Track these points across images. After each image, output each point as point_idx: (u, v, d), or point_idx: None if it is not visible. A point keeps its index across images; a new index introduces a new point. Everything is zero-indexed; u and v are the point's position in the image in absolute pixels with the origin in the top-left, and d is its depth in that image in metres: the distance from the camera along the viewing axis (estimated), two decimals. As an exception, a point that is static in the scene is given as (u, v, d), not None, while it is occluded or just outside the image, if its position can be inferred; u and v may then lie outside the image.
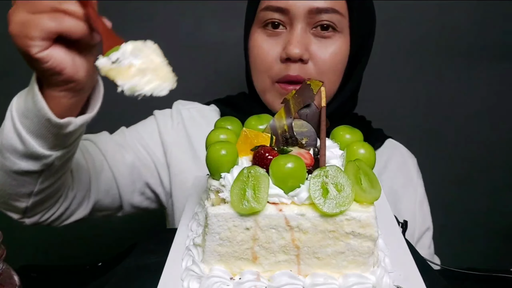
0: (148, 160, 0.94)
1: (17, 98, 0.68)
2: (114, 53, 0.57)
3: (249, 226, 0.51)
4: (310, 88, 0.64)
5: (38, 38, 0.57)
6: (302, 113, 0.64)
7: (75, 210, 0.85)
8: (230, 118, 0.68)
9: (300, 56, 0.84)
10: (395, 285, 0.52)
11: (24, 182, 0.71)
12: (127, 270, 0.63)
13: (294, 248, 0.52)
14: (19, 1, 0.58)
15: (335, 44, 0.86)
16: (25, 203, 0.75)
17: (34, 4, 0.57)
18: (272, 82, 0.88)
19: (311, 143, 0.62)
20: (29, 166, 0.69)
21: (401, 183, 0.95)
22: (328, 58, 0.86)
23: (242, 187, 0.51)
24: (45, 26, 0.57)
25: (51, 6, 0.57)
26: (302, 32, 0.84)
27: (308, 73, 0.85)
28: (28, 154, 0.68)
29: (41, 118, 0.64)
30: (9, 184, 0.72)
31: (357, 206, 0.52)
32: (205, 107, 1.02)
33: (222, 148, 0.56)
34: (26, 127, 0.66)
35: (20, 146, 0.67)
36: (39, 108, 0.63)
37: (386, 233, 0.62)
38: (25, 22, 0.57)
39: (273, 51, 0.87)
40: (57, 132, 0.66)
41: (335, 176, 0.51)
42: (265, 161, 0.55)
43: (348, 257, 0.52)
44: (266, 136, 0.61)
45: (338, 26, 0.85)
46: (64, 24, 0.58)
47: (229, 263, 0.53)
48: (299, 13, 0.83)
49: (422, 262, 0.63)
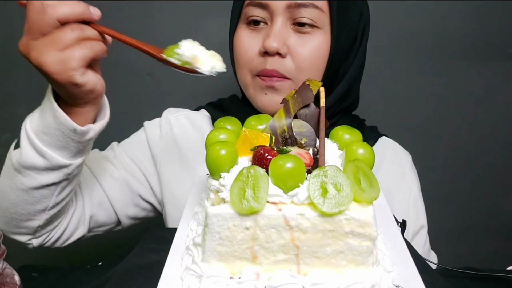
0: (138, 173, 0.95)
1: (29, 120, 0.72)
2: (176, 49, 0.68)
3: (249, 225, 0.52)
4: (310, 88, 0.64)
5: (79, 67, 0.64)
6: (301, 113, 0.64)
7: (75, 228, 0.88)
8: (230, 118, 0.69)
9: (277, 50, 0.83)
10: (394, 284, 0.53)
11: (41, 197, 0.75)
12: (128, 270, 0.63)
13: (293, 248, 0.52)
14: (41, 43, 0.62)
15: (315, 40, 0.85)
16: (38, 221, 0.79)
17: (61, 42, 0.63)
18: (252, 76, 0.89)
19: (310, 143, 0.63)
20: (50, 179, 0.73)
21: (394, 181, 0.95)
22: (306, 54, 0.85)
23: (241, 187, 0.51)
24: (82, 56, 0.64)
25: (77, 37, 0.64)
26: (281, 27, 0.84)
27: (286, 68, 0.85)
28: (51, 167, 0.72)
29: (65, 131, 0.70)
30: (25, 202, 0.76)
31: (356, 205, 0.52)
32: (194, 114, 1.02)
33: (222, 148, 0.56)
34: (46, 142, 0.71)
35: (42, 162, 0.71)
36: (62, 121, 0.69)
37: (385, 233, 0.62)
38: (62, 59, 0.63)
39: (254, 45, 0.87)
40: (79, 140, 0.72)
41: (334, 176, 0.51)
42: (265, 161, 0.55)
43: (347, 257, 0.52)
44: (266, 136, 0.62)
45: (318, 22, 0.84)
46: (94, 48, 0.66)
47: (229, 262, 0.53)
48: (279, 8, 0.84)
49: (421, 261, 0.63)
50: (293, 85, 0.86)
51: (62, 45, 0.63)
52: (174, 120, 0.99)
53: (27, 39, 0.64)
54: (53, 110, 0.69)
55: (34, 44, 0.63)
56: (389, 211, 0.68)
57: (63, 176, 0.74)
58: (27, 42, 0.64)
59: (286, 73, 0.85)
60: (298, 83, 0.84)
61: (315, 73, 0.87)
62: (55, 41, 0.62)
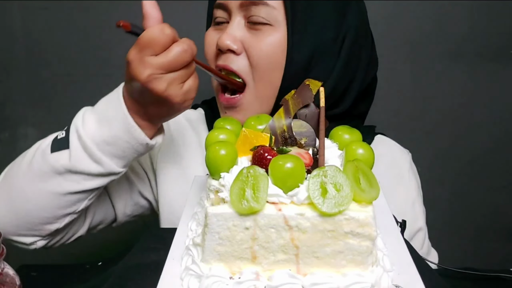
0: (140, 169, 0.94)
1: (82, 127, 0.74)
2: None
3: (249, 225, 0.52)
4: (309, 88, 0.64)
5: (195, 96, 0.73)
6: (301, 113, 0.64)
7: (78, 227, 0.87)
8: (230, 118, 0.69)
9: (227, 47, 0.83)
10: (394, 284, 0.53)
11: (76, 201, 0.77)
12: (127, 269, 0.63)
13: (293, 248, 0.52)
14: (170, 78, 0.68)
15: (268, 37, 0.83)
16: (59, 224, 0.79)
17: (184, 76, 0.70)
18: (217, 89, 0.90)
19: (310, 143, 0.63)
20: (96, 184, 0.76)
21: (391, 181, 0.92)
22: (260, 50, 0.83)
23: (241, 187, 0.51)
24: (196, 86, 0.72)
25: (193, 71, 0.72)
26: (236, 25, 0.85)
27: (240, 65, 0.84)
28: (104, 174, 0.75)
29: (135, 144, 0.74)
30: (56, 206, 0.76)
31: (356, 205, 0.52)
32: (191, 112, 1.01)
33: (222, 148, 0.56)
34: (108, 152, 0.74)
35: (96, 168, 0.74)
36: (135, 136, 0.73)
37: (385, 233, 0.62)
38: (186, 91, 0.71)
39: (213, 44, 0.88)
40: (143, 152, 0.77)
41: (334, 176, 0.51)
42: (265, 161, 0.55)
43: (347, 257, 0.52)
44: (266, 136, 0.62)
45: (271, 20, 0.83)
46: (197, 77, 0.73)
47: (229, 262, 0.53)
48: (233, 8, 0.85)
49: (420, 261, 0.63)
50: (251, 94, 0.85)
51: (185, 79, 0.70)
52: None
53: (153, 73, 0.67)
54: (128, 125, 0.72)
55: (162, 78, 0.68)
56: (389, 211, 0.69)
57: (108, 181, 0.77)
58: (153, 75, 0.67)
59: (239, 71, 0.84)
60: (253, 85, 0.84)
61: (271, 70, 0.84)
62: (182, 76, 0.69)
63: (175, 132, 0.96)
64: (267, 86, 0.85)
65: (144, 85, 0.68)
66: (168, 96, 0.69)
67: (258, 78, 0.84)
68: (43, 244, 0.83)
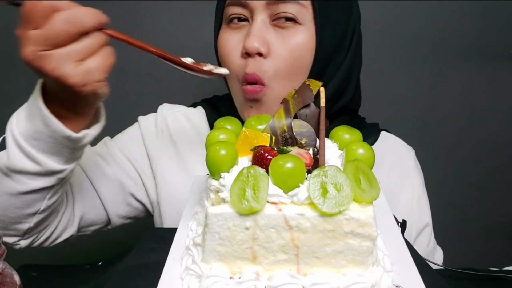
0: (132, 171, 0.92)
1: (16, 122, 0.68)
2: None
3: (249, 225, 0.52)
4: (310, 88, 0.64)
5: (103, 78, 0.62)
6: (302, 113, 0.64)
7: (64, 227, 0.84)
8: (230, 118, 0.69)
9: (257, 50, 0.80)
10: (394, 284, 0.53)
11: (32, 201, 0.72)
12: (127, 269, 0.63)
13: (293, 248, 0.52)
14: (60, 53, 0.58)
15: (296, 36, 0.81)
16: (28, 223, 0.75)
17: (83, 52, 0.59)
18: (239, 86, 0.85)
19: (311, 143, 0.63)
20: (43, 184, 0.70)
21: (397, 179, 0.93)
22: (287, 52, 0.81)
23: (241, 187, 0.51)
24: (105, 65, 0.61)
25: (98, 46, 0.60)
26: (261, 25, 0.81)
27: (265, 70, 0.81)
28: (43, 172, 0.68)
29: (58, 138, 0.65)
30: (14, 206, 0.72)
31: (356, 206, 0.52)
32: (191, 111, 0.99)
33: (222, 148, 0.56)
34: (37, 148, 0.67)
35: (34, 167, 0.68)
36: (55, 129, 0.65)
37: (385, 233, 0.62)
38: (87, 70, 0.59)
39: (235, 47, 0.84)
40: (74, 147, 0.68)
41: (334, 176, 0.51)
42: (265, 161, 0.55)
43: (347, 257, 0.52)
44: (266, 136, 0.61)
45: (300, 18, 0.81)
46: (112, 55, 0.62)
47: (229, 262, 0.53)
48: (258, 5, 0.81)
49: (421, 261, 0.63)
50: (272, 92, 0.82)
51: (84, 55, 0.59)
52: (171, 117, 0.96)
53: (36, 49, 0.58)
54: (44, 117, 0.64)
55: (50, 55, 0.58)
56: (389, 211, 0.68)
57: (56, 180, 0.71)
58: (37, 52, 0.58)
59: (265, 78, 0.82)
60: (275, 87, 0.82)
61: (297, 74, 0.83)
62: (77, 51, 0.59)
63: (175, 132, 0.95)
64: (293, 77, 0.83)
65: (30, 63, 0.59)
66: (60, 76, 0.58)
67: (281, 79, 0.82)
68: (27, 243, 0.80)
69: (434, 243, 0.97)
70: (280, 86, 0.82)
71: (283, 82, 0.82)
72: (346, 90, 0.92)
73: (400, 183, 0.93)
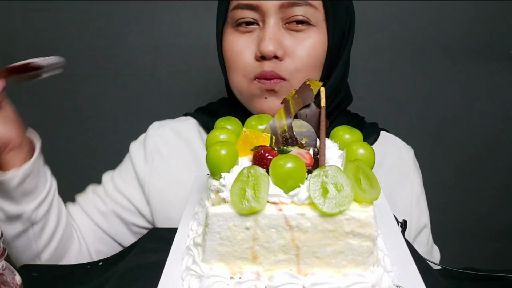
0: (129, 205, 0.94)
1: None
2: None
3: (249, 225, 0.52)
4: (310, 88, 0.64)
5: None
6: (302, 113, 0.64)
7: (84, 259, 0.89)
8: (230, 118, 0.69)
9: (274, 53, 0.80)
10: (395, 284, 0.53)
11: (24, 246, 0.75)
12: (128, 269, 0.63)
13: (294, 248, 0.52)
14: None
15: (310, 38, 0.83)
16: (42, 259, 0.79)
17: None
18: (249, 80, 0.85)
19: (311, 143, 0.62)
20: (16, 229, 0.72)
21: (397, 179, 0.93)
22: (304, 54, 0.83)
23: (242, 187, 0.51)
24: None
25: None
26: (275, 28, 0.81)
27: (284, 70, 0.82)
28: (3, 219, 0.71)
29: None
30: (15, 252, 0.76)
31: (357, 206, 0.52)
32: (179, 123, 0.99)
33: (222, 148, 0.56)
34: None
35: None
36: None
37: (386, 233, 0.62)
38: None
39: (248, 50, 0.84)
40: (7, 190, 0.69)
41: (335, 176, 0.51)
42: (265, 161, 0.55)
43: (348, 257, 0.52)
44: (266, 136, 0.62)
45: (313, 20, 0.82)
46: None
47: (229, 262, 0.53)
48: (271, 8, 0.81)
49: (421, 261, 0.63)
50: (290, 86, 0.83)
51: None
52: (159, 135, 0.96)
53: None
54: None
55: None
56: (390, 211, 0.68)
57: (25, 224, 0.72)
58: None
59: (284, 75, 0.83)
60: (294, 83, 0.83)
61: (313, 72, 0.85)
62: None
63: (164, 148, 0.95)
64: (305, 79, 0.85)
65: None
66: None
67: (300, 76, 0.83)
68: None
69: (432, 242, 0.98)
70: (298, 81, 0.83)
71: (300, 77, 0.83)
72: (340, 88, 0.93)
73: (399, 183, 0.94)
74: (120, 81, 1.34)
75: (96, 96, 1.35)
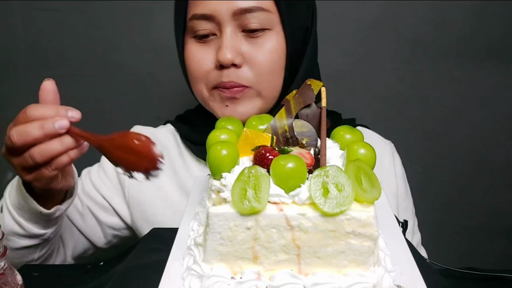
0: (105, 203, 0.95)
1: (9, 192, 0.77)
2: None
3: (250, 225, 0.52)
4: (311, 88, 0.64)
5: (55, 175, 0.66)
6: (303, 113, 0.64)
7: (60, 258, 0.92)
8: (231, 118, 0.69)
9: (231, 61, 0.81)
10: (396, 284, 0.53)
11: (26, 253, 0.80)
12: (129, 269, 0.63)
13: (294, 248, 0.52)
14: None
15: (269, 42, 0.83)
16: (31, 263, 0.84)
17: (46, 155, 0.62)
18: (209, 89, 0.86)
19: (312, 143, 0.63)
20: (30, 242, 0.78)
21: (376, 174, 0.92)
22: (263, 59, 0.83)
23: (243, 187, 0.51)
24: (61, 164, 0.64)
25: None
26: (232, 36, 0.81)
27: (244, 78, 0.83)
28: (28, 235, 0.77)
29: (34, 212, 0.74)
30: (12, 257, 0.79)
31: (358, 206, 0.52)
32: (158, 131, 1.00)
33: (223, 148, 0.56)
34: (23, 217, 0.75)
35: (21, 231, 0.76)
36: (30, 205, 0.73)
37: (386, 233, 0.62)
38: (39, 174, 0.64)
39: (206, 59, 0.84)
40: (48, 219, 0.76)
41: (336, 176, 0.51)
42: (266, 161, 0.55)
43: (349, 257, 0.52)
44: (267, 136, 0.62)
45: (268, 24, 0.82)
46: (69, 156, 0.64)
47: (230, 262, 0.53)
48: (225, 17, 0.81)
49: (422, 261, 0.63)
50: (254, 92, 0.84)
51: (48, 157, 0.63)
52: None
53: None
54: (23, 195, 0.72)
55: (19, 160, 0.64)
56: (390, 211, 0.69)
57: (40, 240, 0.78)
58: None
59: (245, 82, 0.83)
60: (257, 88, 0.84)
61: (275, 76, 0.85)
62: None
63: None
64: (270, 84, 0.85)
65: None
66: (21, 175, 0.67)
67: (263, 80, 0.84)
68: None
69: (418, 241, 0.97)
70: (260, 85, 0.84)
71: (263, 82, 0.84)
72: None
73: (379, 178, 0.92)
74: (120, 81, 1.34)
75: (96, 96, 1.35)
